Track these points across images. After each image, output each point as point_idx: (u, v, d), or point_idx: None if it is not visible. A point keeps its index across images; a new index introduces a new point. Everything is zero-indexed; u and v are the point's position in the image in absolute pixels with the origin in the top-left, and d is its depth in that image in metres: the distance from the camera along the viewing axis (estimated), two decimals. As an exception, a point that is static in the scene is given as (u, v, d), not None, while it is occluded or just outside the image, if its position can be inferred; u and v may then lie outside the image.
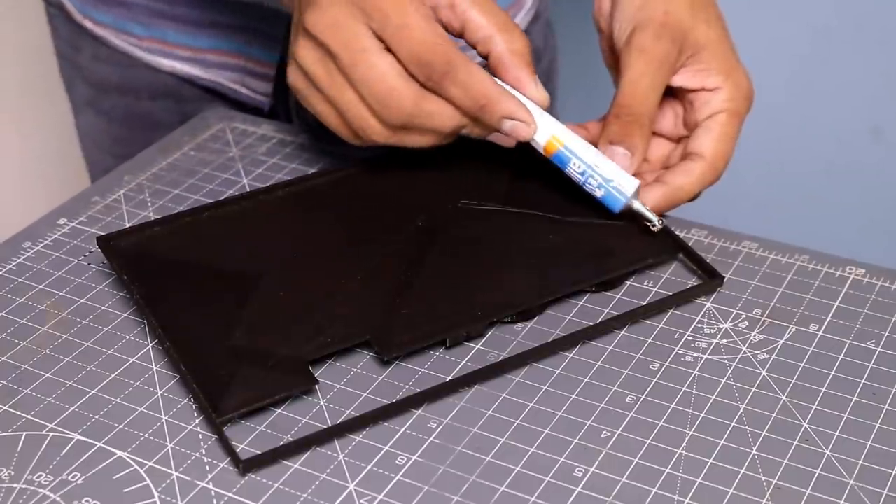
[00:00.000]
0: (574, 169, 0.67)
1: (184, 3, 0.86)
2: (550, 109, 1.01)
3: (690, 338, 0.63)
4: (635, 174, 0.71)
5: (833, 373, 0.61)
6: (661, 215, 0.70)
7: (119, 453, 0.57)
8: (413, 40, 0.63)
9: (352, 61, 0.63)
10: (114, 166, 0.78)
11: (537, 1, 0.95)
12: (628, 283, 0.66)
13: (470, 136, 0.67)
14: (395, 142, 0.66)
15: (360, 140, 0.66)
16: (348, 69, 0.63)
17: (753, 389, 0.60)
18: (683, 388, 0.60)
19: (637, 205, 0.67)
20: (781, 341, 0.63)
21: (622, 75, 0.71)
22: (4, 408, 0.59)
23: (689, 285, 0.66)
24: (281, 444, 0.56)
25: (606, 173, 0.67)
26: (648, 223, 0.67)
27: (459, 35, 0.67)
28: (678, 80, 0.72)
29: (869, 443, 0.57)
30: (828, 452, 0.56)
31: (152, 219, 0.69)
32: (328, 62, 0.64)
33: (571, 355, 0.62)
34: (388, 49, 0.63)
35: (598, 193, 0.67)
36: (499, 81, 0.65)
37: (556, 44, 1.00)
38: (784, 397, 0.59)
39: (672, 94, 0.73)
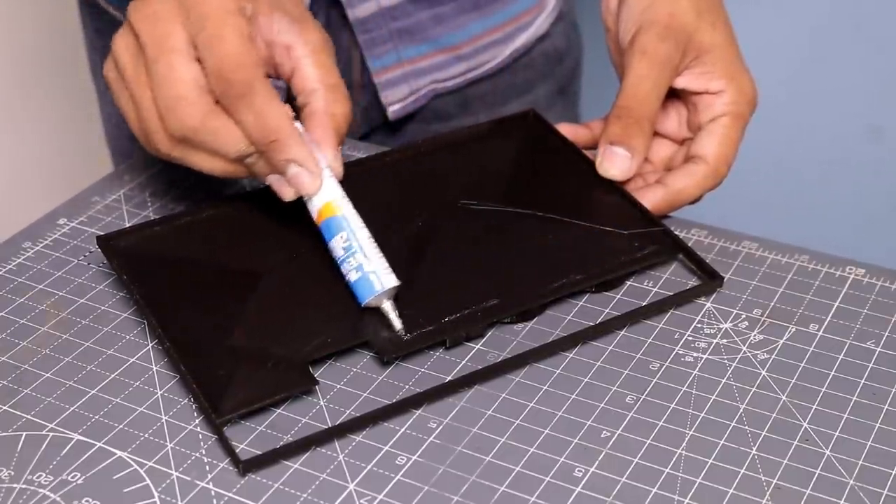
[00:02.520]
0: (339, 242, 0.62)
1: None
2: (574, 109, 1.02)
3: (690, 338, 0.63)
4: (636, 175, 0.71)
5: (833, 373, 0.61)
6: (661, 217, 0.70)
7: (119, 453, 0.57)
8: (221, 52, 0.60)
9: (155, 58, 0.61)
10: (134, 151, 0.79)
11: (560, 2, 0.95)
12: (628, 283, 0.66)
13: (253, 172, 0.63)
14: (177, 156, 0.62)
15: (149, 147, 0.63)
16: (150, 65, 0.61)
17: (753, 389, 0.60)
18: (683, 388, 0.60)
19: (387, 305, 0.61)
20: (781, 341, 0.63)
21: (625, 76, 0.71)
22: (4, 408, 0.59)
23: (690, 285, 0.66)
24: (281, 444, 0.56)
25: (371, 261, 0.62)
26: (394, 327, 0.61)
27: (288, 80, 0.64)
28: (682, 82, 0.72)
29: (869, 443, 0.57)
30: (828, 452, 0.56)
31: (152, 219, 0.69)
32: (138, 55, 0.62)
33: (571, 355, 0.62)
34: (199, 59, 0.61)
35: (353, 277, 0.62)
36: (302, 132, 0.63)
37: (582, 44, 1.01)
38: (784, 397, 0.59)
39: (676, 95, 0.73)
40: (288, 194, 0.63)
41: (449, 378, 0.60)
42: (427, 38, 0.87)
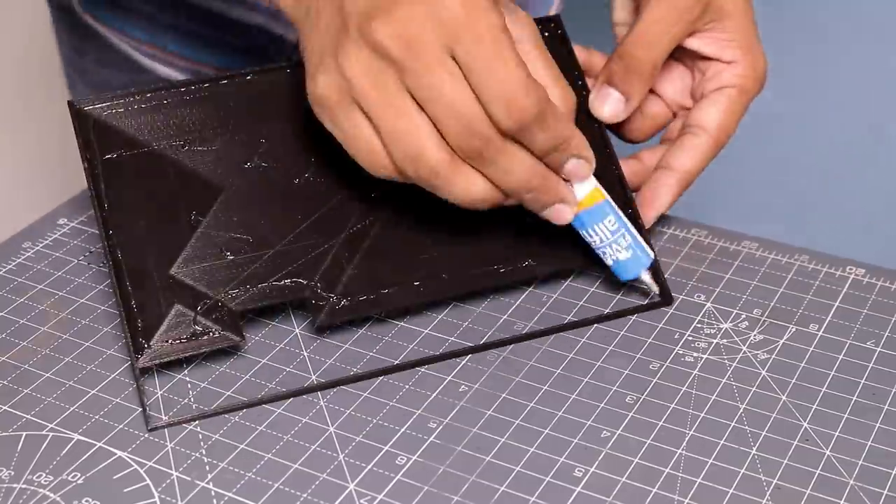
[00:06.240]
0: (607, 226, 0.62)
1: (187, 19, 0.86)
2: None
3: (690, 338, 0.63)
4: (643, 166, 0.70)
5: (833, 373, 0.61)
6: (668, 209, 0.69)
7: (119, 453, 0.57)
8: (509, 80, 0.56)
9: (426, 75, 0.56)
10: None
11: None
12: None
13: (527, 202, 0.60)
14: (448, 174, 0.58)
15: (400, 169, 0.58)
16: (423, 87, 0.56)
17: (753, 389, 0.60)
18: (683, 388, 0.60)
19: (646, 276, 0.64)
20: (781, 341, 0.63)
21: (638, 17, 0.68)
22: (4, 408, 0.59)
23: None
24: (196, 408, 0.58)
25: (636, 235, 0.64)
26: (651, 295, 0.65)
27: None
28: (694, 44, 0.69)
29: (869, 443, 0.57)
30: (828, 452, 0.56)
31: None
32: (388, 76, 0.56)
33: (571, 355, 0.62)
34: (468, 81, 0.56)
35: (623, 256, 0.63)
36: None
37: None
38: (784, 397, 0.59)
39: (682, 60, 0.71)
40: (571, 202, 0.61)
41: (449, 378, 0.60)
42: None
